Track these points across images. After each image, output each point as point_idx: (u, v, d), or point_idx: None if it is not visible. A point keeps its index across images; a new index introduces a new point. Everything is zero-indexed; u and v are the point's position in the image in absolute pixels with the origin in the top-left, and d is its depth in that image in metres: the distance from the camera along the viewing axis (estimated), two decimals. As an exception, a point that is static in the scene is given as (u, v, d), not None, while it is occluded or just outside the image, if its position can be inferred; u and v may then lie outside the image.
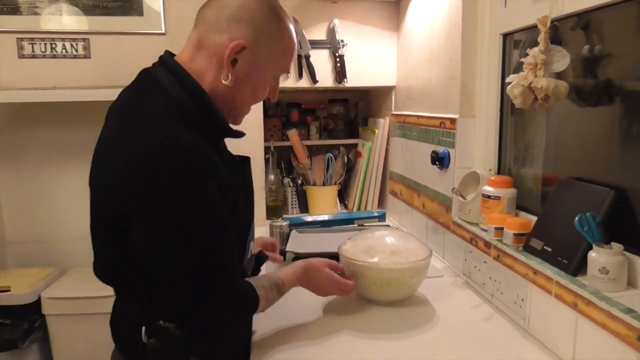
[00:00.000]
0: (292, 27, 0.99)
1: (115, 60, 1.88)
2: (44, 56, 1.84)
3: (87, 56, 1.86)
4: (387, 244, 1.31)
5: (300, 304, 1.23)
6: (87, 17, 1.85)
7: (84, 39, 1.85)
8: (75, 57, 1.86)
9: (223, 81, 0.92)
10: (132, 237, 0.84)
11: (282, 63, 0.99)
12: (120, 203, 0.84)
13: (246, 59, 0.92)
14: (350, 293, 1.21)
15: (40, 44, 1.83)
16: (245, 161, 1.08)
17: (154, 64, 0.96)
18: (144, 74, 0.96)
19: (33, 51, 1.83)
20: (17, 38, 1.81)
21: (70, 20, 1.84)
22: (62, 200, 2.07)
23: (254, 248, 1.14)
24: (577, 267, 0.97)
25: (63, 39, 1.84)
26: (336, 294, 1.21)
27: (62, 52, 1.85)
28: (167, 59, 0.95)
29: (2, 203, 2.18)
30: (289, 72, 1.06)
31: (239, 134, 1.02)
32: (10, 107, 2.04)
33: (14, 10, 1.80)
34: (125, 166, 0.83)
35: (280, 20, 0.96)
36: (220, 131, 0.97)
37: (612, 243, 0.91)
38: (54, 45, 1.84)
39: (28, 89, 1.83)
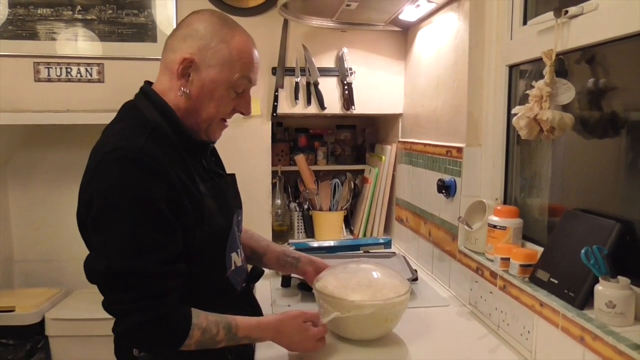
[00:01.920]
0: (243, 36, 1.04)
1: (128, 85, 1.88)
2: (59, 80, 1.89)
3: (101, 80, 1.90)
4: (367, 278, 1.22)
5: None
6: (102, 43, 1.90)
7: (98, 64, 1.90)
8: (89, 81, 1.90)
9: (179, 95, 1.00)
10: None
11: (234, 72, 1.01)
12: (82, 212, 0.94)
13: (197, 72, 1.00)
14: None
15: (56, 67, 1.88)
16: (221, 176, 1.14)
17: (135, 95, 1.07)
18: (127, 103, 1.06)
19: (49, 75, 1.88)
20: (34, 62, 1.86)
21: (85, 45, 1.89)
22: (70, 221, 2.05)
23: (237, 260, 1.12)
24: (583, 300, 0.96)
25: (78, 64, 1.89)
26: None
27: (76, 76, 1.89)
28: (144, 86, 1.06)
29: (11, 222, 2.20)
30: (252, 83, 1.05)
31: (205, 145, 1.09)
32: (23, 128, 2.08)
33: (32, 36, 1.86)
34: (84, 178, 0.94)
35: (227, 30, 1.01)
36: (190, 144, 1.02)
37: (619, 277, 0.91)
38: (69, 70, 1.89)
39: (42, 112, 1.87)
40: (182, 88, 1.00)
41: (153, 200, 0.89)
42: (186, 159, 1.00)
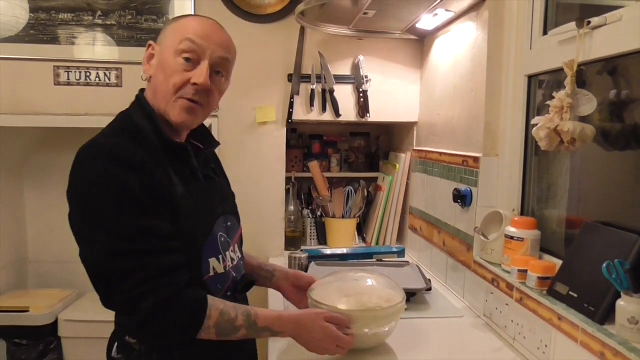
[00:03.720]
0: (194, 16, 1.09)
1: None
2: (78, 83, 1.91)
3: (118, 84, 1.92)
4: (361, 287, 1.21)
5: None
6: (119, 47, 1.92)
7: (116, 68, 1.92)
8: (107, 85, 1.92)
9: (143, 79, 1.05)
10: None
11: (175, 38, 1.01)
12: (71, 209, 0.95)
13: (156, 56, 1.04)
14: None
15: (75, 71, 1.90)
16: (209, 178, 1.13)
17: (131, 104, 1.08)
18: (121, 112, 1.07)
19: (68, 78, 1.90)
20: (54, 66, 1.89)
21: (102, 50, 1.91)
22: (85, 223, 2.10)
23: (218, 267, 1.05)
24: (604, 315, 0.94)
25: (97, 68, 1.91)
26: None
27: (95, 80, 1.92)
28: (139, 95, 1.07)
29: (26, 223, 2.23)
30: (196, 46, 1.00)
31: (187, 150, 1.06)
32: (40, 131, 2.11)
33: (53, 40, 1.88)
34: (68, 179, 0.95)
35: (179, 17, 1.08)
36: (172, 148, 1.02)
37: (642, 292, 0.89)
38: (88, 74, 1.91)
39: (61, 114, 1.90)
40: (145, 71, 1.05)
41: (131, 188, 0.89)
42: (165, 163, 0.99)
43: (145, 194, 0.91)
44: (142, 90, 1.08)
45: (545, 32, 1.29)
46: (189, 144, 1.10)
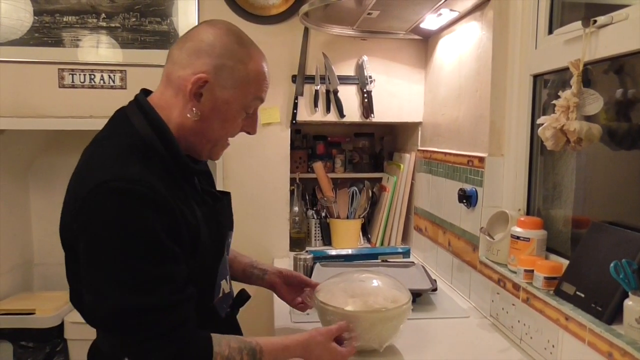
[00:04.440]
0: (259, 56, 0.98)
1: None
2: (83, 86, 1.91)
3: (123, 87, 1.93)
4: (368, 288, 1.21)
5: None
6: (123, 50, 1.92)
7: (121, 71, 1.93)
8: (112, 87, 1.93)
9: (188, 115, 0.93)
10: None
11: (249, 94, 0.96)
12: (68, 236, 0.88)
13: (210, 92, 0.92)
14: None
15: (80, 74, 1.91)
16: (217, 198, 1.06)
17: (129, 102, 0.98)
18: (119, 111, 0.98)
19: (73, 81, 1.91)
20: (59, 69, 1.89)
21: (106, 52, 1.92)
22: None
23: (226, 286, 1.06)
24: (612, 315, 0.94)
25: (102, 70, 1.92)
26: None
27: (100, 82, 1.92)
28: (140, 97, 0.97)
29: (32, 226, 2.24)
30: (262, 101, 1.01)
31: (201, 171, 1.03)
32: (45, 134, 2.12)
33: (57, 43, 1.89)
34: (72, 201, 0.86)
35: (244, 50, 0.95)
36: (184, 167, 0.95)
37: (650, 292, 0.88)
38: (92, 76, 1.92)
39: (66, 117, 1.90)
40: (194, 109, 0.92)
41: (154, 232, 0.82)
42: (181, 183, 0.93)
43: (167, 236, 0.84)
44: (143, 93, 0.99)
45: (550, 32, 1.28)
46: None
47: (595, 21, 1.03)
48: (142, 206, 0.82)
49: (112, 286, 0.82)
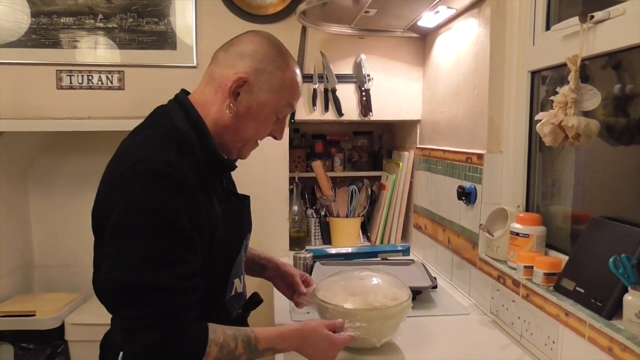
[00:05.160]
0: (295, 67, 1.05)
1: (148, 92, 1.94)
2: (81, 87, 1.91)
3: (121, 87, 1.93)
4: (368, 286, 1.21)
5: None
6: (120, 51, 1.92)
7: (119, 71, 1.92)
8: (110, 88, 1.93)
9: (226, 111, 0.99)
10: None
11: (282, 99, 1.03)
12: (100, 216, 0.92)
13: (248, 93, 0.99)
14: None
15: (78, 75, 1.91)
16: (240, 199, 1.13)
17: (169, 100, 1.04)
18: (159, 107, 1.04)
19: (71, 82, 1.91)
20: (57, 70, 1.89)
21: (104, 53, 1.92)
22: (90, 227, 2.10)
23: (239, 286, 1.08)
24: (611, 310, 0.94)
25: (100, 71, 1.91)
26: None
27: (98, 83, 1.92)
28: (180, 95, 1.04)
29: (32, 228, 2.23)
30: (293, 108, 1.09)
31: (231, 167, 1.08)
32: (45, 135, 2.11)
33: (55, 44, 1.89)
34: (107, 182, 0.92)
35: (283, 58, 1.03)
36: (215, 163, 1.00)
37: (649, 286, 0.88)
38: (90, 77, 1.91)
39: (64, 119, 1.90)
40: (231, 105, 0.99)
41: (178, 217, 0.86)
42: (207, 178, 0.98)
43: (190, 223, 0.88)
44: (184, 92, 1.05)
45: (548, 28, 1.28)
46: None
47: (592, 17, 1.03)
48: (171, 189, 0.86)
49: (125, 260, 0.85)
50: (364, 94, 2.03)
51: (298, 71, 1.06)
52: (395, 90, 2.07)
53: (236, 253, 1.05)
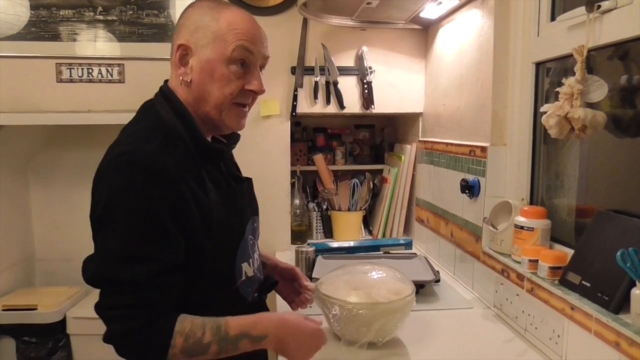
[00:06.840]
0: (232, 10, 0.98)
1: (149, 85, 1.87)
2: (81, 80, 1.90)
3: (121, 81, 1.91)
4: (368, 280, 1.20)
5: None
6: (120, 44, 1.91)
7: (119, 64, 1.91)
8: (110, 81, 1.91)
9: (181, 84, 0.98)
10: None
11: (227, 44, 0.95)
12: (91, 209, 0.92)
13: (194, 57, 0.97)
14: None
15: (77, 68, 1.89)
16: (239, 181, 1.10)
17: (155, 94, 1.04)
18: (146, 102, 1.04)
19: (70, 75, 1.89)
20: (57, 63, 1.88)
21: (104, 46, 1.90)
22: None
23: (249, 270, 1.05)
24: (619, 304, 0.93)
25: (99, 64, 1.90)
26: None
27: (98, 76, 1.91)
28: (163, 86, 1.03)
29: (33, 221, 2.23)
30: (254, 54, 0.98)
31: (218, 151, 1.04)
32: (45, 129, 2.10)
33: (55, 37, 1.87)
34: (96, 175, 0.93)
35: (215, 10, 0.98)
36: (203, 149, 0.99)
37: (657, 280, 0.87)
38: (90, 70, 1.90)
39: (64, 112, 1.89)
40: (181, 77, 0.97)
41: (154, 211, 0.86)
42: (199, 165, 0.96)
43: (167, 216, 0.87)
44: (166, 82, 1.04)
45: (553, 18, 1.27)
46: (215, 140, 1.07)
47: (599, 6, 1.01)
48: (147, 181, 0.86)
49: (101, 252, 0.89)
50: (365, 86, 2.02)
51: (238, 12, 0.99)
52: (398, 83, 2.05)
53: (239, 236, 1.02)
